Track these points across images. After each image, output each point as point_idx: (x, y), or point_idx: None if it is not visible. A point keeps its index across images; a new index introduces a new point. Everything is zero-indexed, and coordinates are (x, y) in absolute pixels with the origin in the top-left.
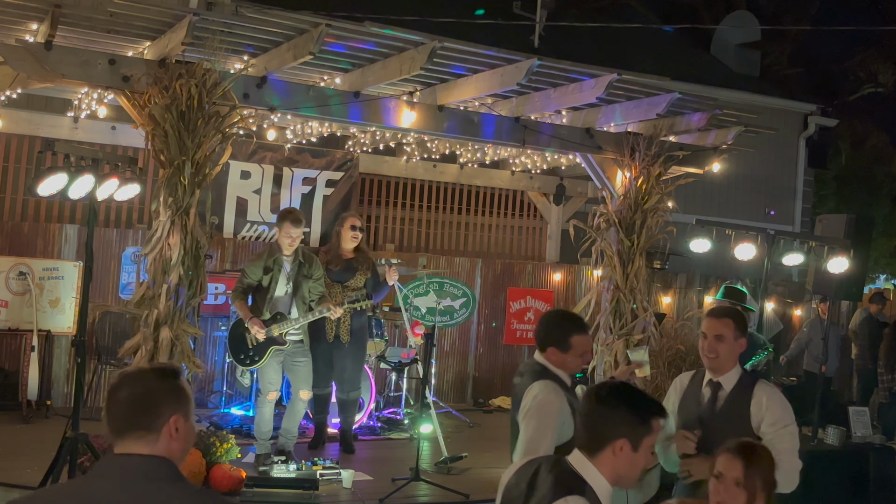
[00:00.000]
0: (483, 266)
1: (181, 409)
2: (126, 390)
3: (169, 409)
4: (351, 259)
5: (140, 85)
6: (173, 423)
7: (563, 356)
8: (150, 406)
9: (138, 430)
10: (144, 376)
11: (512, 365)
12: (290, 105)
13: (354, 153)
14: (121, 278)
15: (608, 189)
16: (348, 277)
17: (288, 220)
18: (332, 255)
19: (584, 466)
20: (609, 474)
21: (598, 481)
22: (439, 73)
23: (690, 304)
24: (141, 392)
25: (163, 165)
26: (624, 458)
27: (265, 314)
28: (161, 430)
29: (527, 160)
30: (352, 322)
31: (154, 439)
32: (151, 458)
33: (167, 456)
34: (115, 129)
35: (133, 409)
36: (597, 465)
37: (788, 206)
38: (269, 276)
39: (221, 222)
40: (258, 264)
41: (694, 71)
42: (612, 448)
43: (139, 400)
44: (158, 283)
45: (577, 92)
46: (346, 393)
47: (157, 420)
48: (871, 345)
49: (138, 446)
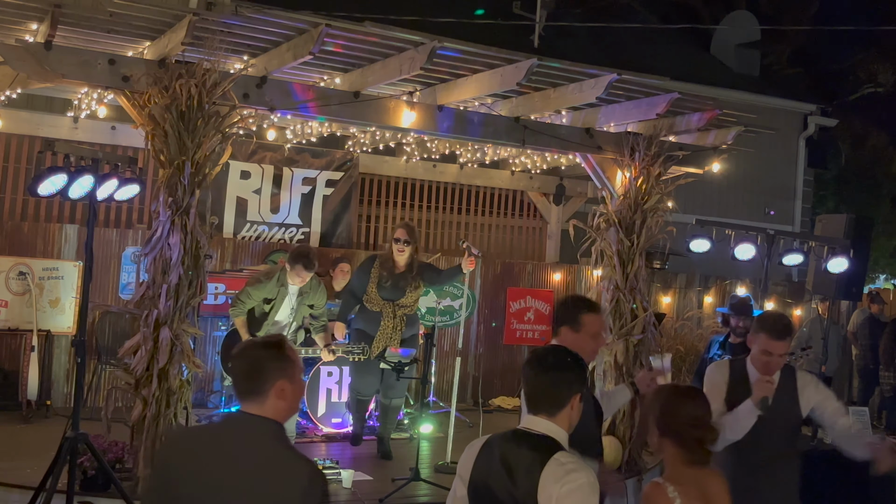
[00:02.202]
0: (483, 266)
1: (286, 374)
2: (238, 362)
3: (275, 375)
4: (401, 274)
5: (140, 85)
6: (279, 387)
7: (575, 336)
8: (257, 373)
9: (251, 394)
10: (252, 348)
11: (512, 365)
12: (290, 105)
13: (354, 153)
14: (121, 278)
15: (608, 189)
16: (398, 296)
17: (301, 263)
18: (386, 269)
19: (547, 427)
20: (566, 426)
21: (561, 436)
22: (439, 73)
23: (690, 303)
24: (249, 362)
25: (162, 165)
26: (576, 409)
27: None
28: (269, 393)
29: (526, 160)
30: (404, 331)
31: (263, 401)
32: (261, 418)
33: (274, 415)
34: (114, 129)
35: (244, 377)
36: (556, 422)
37: (788, 205)
38: (270, 305)
39: (221, 222)
40: (261, 290)
41: (694, 71)
42: (571, 403)
43: (248, 369)
44: (158, 283)
45: (576, 92)
46: (389, 399)
47: (264, 385)
48: (871, 345)
49: (252, 407)
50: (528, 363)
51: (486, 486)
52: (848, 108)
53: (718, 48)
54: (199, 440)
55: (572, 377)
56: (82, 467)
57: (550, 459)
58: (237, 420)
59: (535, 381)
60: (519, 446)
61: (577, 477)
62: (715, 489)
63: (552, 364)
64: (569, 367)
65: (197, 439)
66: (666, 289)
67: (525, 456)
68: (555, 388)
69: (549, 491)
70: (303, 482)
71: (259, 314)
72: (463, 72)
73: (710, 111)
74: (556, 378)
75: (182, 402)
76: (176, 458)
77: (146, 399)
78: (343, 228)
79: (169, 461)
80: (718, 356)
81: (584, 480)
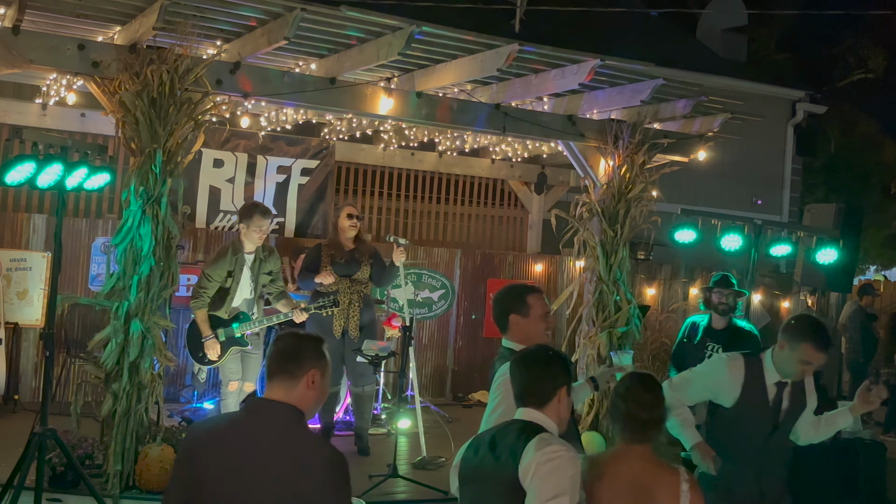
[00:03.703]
0: (462, 257)
1: (320, 366)
2: (279, 344)
3: (310, 363)
4: (353, 250)
5: (110, 71)
6: (311, 375)
7: (526, 322)
8: (295, 357)
9: (284, 374)
10: (295, 335)
11: (492, 358)
12: (265, 92)
13: (330, 141)
14: (90, 269)
15: (591, 178)
16: (354, 270)
17: (257, 211)
18: (335, 249)
19: (537, 417)
20: (555, 419)
21: (550, 425)
22: (417, 58)
23: (675, 295)
24: (290, 345)
25: (133, 153)
26: (564, 402)
27: (224, 315)
28: (301, 379)
29: (507, 148)
30: (361, 316)
31: (294, 385)
32: (284, 405)
33: (299, 403)
34: (84, 117)
35: (282, 358)
36: (546, 413)
37: (776, 195)
38: (231, 278)
39: (194, 212)
40: (222, 266)
41: (679, 56)
42: (558, 396)
43: (288, 351)
44: (129, 275)
45: (559, 78)
46: (361, 387)
47: (299, 369)
48: (862, 338)
49: (280, 391)
50: (513, 362)
51: (474, 472)
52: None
53: (704, 33)
54: (222, 428)
55: (556, 371)
56: (51, 464)
57: (535, 437)
58: (260, 406)
59: (521, 377)
60: (507, 430)
61: (558, 449)
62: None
63: (535, 359)
64: (551, 361)
65: (219, 428)
66: (650, 280)
67: (512, 436)
68: (540, 381)
69: (529, 463)
70: (324, 464)
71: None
72: (442, 57)
73: (696, 98)
74: (540, 372)
75: (153, 397)
76: (199, 447)
77: (116, 393)
78: (319, 218)
79: (192, 452)
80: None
81: (563, 455)
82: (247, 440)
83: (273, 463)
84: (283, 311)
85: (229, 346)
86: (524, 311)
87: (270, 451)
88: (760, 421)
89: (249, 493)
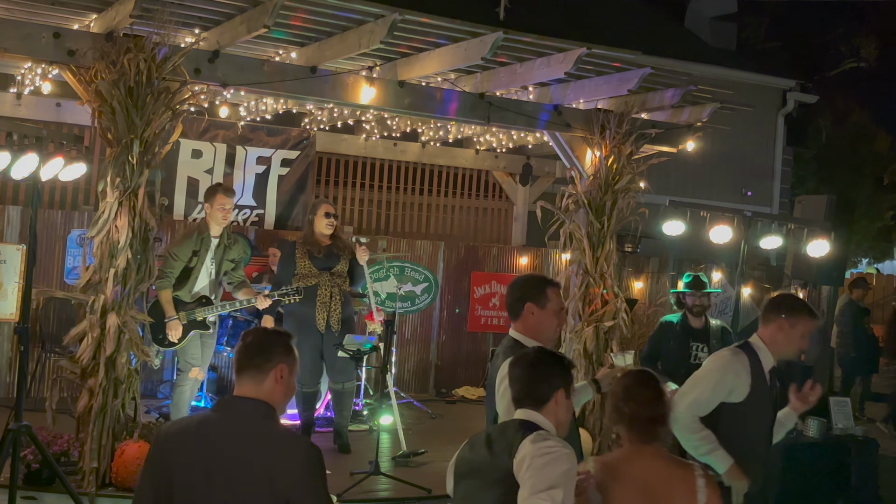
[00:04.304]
0: (446, 249)
1: (288, 361)
2: (246, 341)
3: (278, 358)
4: (330, 245)
5: (86, 59)
6: (279, 370)
7: (541, 313)
8: (263, 352)
9: (252, 370)
10: (263, 331)
11: (476, 353)
12: (244, 81)
13: (311, 131)
14: (66, 262)
15: (577, 169)
16: (333, 263)
17: (220, 190)
18: (311, 244)
19: (535, 417)
20: (553, 421)
21: (548, 426)
22: (400, 47)
23: (663, 289)
24: (257, 341)
25: (110, 144)
26: (562, 405)
27: (186, 298)
28: (269, 373)
29: (492, 138)
30: (343, 310)
31: (262, 380)
32: (254, 400)
33: (269, 398)
34: (59, 106)
35: (249, 353)
36: (544, 415)
37: (766, 186)
38: (196, 258)
39: (171, 203)
40: (188, 245)
41: (667, 45)
42: (555, 398)
43: (255, 347)
44: (105, 268)
45: (544, 67)
46: (341, 384)
47: (266, 363)
48: (852, 332)
49: (249, 387)
50: (510, 364)
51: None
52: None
53: (693, 21)
54: (192, 427)
55: (553, 372)
56: (25, 460)
57: (532, 433)
58: (229, 403)
59: (519, 378)
60: (505, 428)
61: (554, 445)
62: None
63: (533, 360)
64: (549, 363)
65: (189, 426)
66: (638, 273)
67: (508, 434)
68: (536, 382)
69: (522, 453)
70: (300, 459)
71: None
72: (425, 46)
73: (684, 87)
74: (536, 373)
75: (130, 393)
76: (169, 446)
77: (92, 389)
78: (299, 210)
79: (162, 451)
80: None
81: (559, 451)
82: (219, 438)
83: (247, 460)
84: (241, 298)
85: (191, 328)
86: (541, 303)
87: (244, 449)
88: (766, 411)
89: (223, 491)
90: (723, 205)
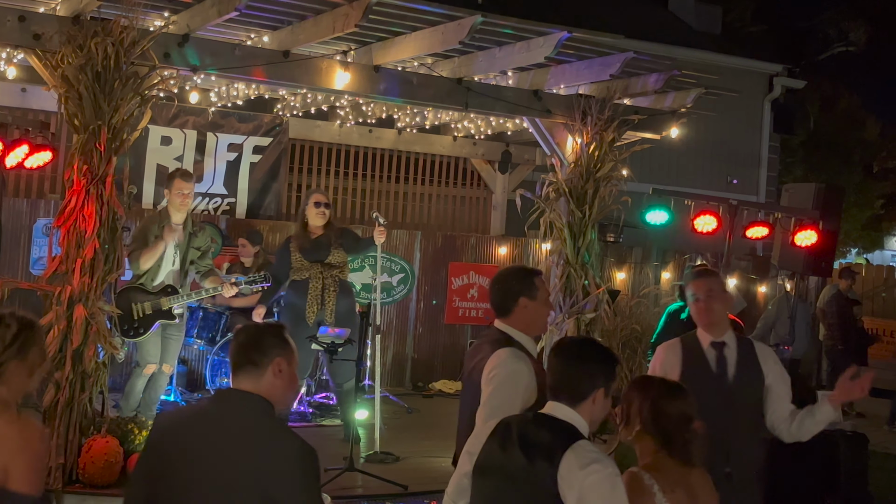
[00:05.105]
0: (423, 239)
1: (285, 354)
2: (240, 336)
3: (275, 351)
4: (320, 236)
5: (52, 44)
6: (277, 364)
7: (535, 305)
8: (258, 347)
9: (249, 365)
10: (255, 326)
11: (454, 346)
12: (215, 65)
13: (284, 117)
14: (31, 252)
15: (558, 156)
16: (324, 254)
17: (177, 175)
18: (301, 237)
19: (569, 415)
20: (588, 419)
21: (583, 426)
22: (375, 30)
23: (646, 279)
24: (251, 336)
25: (77, 130)
26: (599, 404)
27: (149, 285)
28: (267, 368)
29: (470, 125)
30: (337, 304)
31: (260, 375)
32: (252, 395)
33: (268, 394)
34: (25, 92)
35: (245, 349)
36: (579, 412)
37: (752, 174)
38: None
39: (140, 192)
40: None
41: (650, 28)
42: (593, 397)
43: (250, 342)
44: (72, 258)
45: (524, 51)
46: (340, 385)
47: (263, 358)
48: (840, 324)
49: (247, 382)
50: (552, 351)
51: (498, 465)
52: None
53: (677, 4)
54: (188, 418)
55: (597, 370)
56: None
57: (573, 445)
58: (228, 396)
59: (559, 370)
60: (539, 429)
61: (602, 467)
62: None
63: (578, 354)
64: (595, 359)
65: (185, 418)
66: (620, 264)
67: (545, 438)
68: (577, 379)
69: (571, 478)
70: (292, 458)
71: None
72: (401, 29)
73: (668, 72)
74: (580, 369)
75: (98, 386)
76: (165, 437)
77: (59, 383)
78: (271, 198)
79: (158, 441)
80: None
81: (610, 471)
82: (214, 431)
83: (240, 455)
84: (207, 286)
85: (156, 319)
86: (533, 294)
87: (238, 443)
88: (711, 390)
89: (212, 484)
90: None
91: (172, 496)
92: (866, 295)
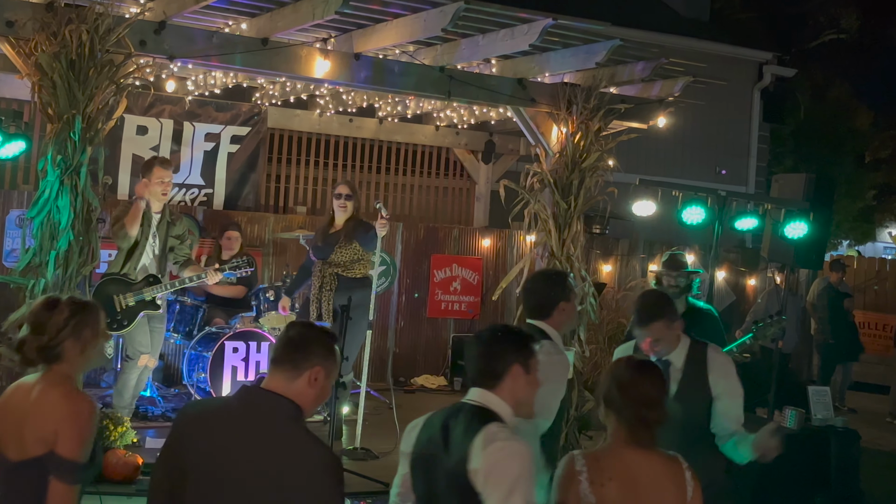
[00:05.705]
0: (404, 231)
1: (326, 365)
2: (288, 332)
3: (316, 359)
4: (333, 233)
5: (25, 31)
6: (315, 372)
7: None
8: (302, 349)
9: (287, 364)
10: (308, 326)
11: (436, 340)
12: (192, 53)
13: (262, 106)
14: (4, 244)
15: (542, 146)
16: (326, 254)
17: (156, 163)
18: (321, 230)
19: (488, 399)
20: (511, 400)
21: (502, 408)
22: (356, 17)
23: (633, 272)
24: (299, 335)
25: (51, 120)
26: (521, 381)
27: (132, 275)
28: (304, 373)
29: (452, 114)
30: (335, 300)
31: (295, 378)
32: (283, 398)
33: (299, 398)
34: None
35: (289, 346)
36: (497, 394)
37: (741, 164)
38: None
39: (116, 182)
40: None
41: (637, 15)
42: (510, 375)
43: (296, 341)
44: (46, 250)
45: (508, 39)
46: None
47: (304, 362)
48: (831, 317)
49: (281, 383)
50: (466, 344)
51: (424, 459)
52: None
53: None
54: (213, 416)
55: (508, 347)
56: None
57: (483, 429)
58: (258, 396)
59: (473, 356)
60: (457, 417)
61: (505, 444)
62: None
63: (488, 338)
64: (504, 339)
65: (211, 415)
66: (606, 256)
67: (461, 425)
68: (487, 360)
69: (476, 460)
70: (316, 467)
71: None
72: (382, 16)
73: (655, 60)
74: (489, 350)
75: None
76: (186, 430)
77: None
78: (250, 189)
79: (179, 435)
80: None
81: (514, 447)
82: (239, 432)
83: (264, 459)
84: (188, 275)
85: (140, 309)
86: (569, 297)
87: (263, 447)
88: None
89: (232, 486)
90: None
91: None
92: (858, 288)
